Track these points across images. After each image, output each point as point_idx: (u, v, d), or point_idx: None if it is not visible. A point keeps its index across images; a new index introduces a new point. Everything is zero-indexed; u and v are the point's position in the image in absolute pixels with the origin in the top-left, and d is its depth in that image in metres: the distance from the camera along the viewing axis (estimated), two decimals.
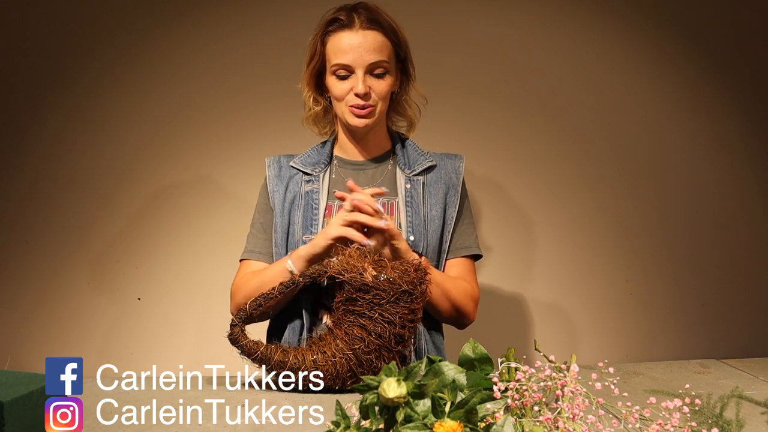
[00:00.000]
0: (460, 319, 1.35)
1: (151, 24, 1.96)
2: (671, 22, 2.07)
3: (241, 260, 1.40)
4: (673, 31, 2.07)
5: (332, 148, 1.42)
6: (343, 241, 1.19)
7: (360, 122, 1.32)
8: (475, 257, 1.41)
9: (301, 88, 1.39)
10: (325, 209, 1.34)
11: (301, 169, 1.39)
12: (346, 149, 1.41)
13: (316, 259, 1.21)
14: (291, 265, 1.23)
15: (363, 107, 1.30)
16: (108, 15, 1.95)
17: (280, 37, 1.93)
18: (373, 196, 1.22)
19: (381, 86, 1.31)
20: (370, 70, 1.30)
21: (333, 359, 1.08)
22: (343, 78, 1.31)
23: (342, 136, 1.41)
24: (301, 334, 1.29)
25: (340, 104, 1.33)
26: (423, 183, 1.38)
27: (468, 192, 1.44)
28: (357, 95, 1.29)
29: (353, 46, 1.28)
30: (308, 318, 1.29)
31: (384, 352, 1.09)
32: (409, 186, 1.36)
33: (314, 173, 1.38)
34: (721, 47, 2.08)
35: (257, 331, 1.33)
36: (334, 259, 1.13)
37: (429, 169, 1.39)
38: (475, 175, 1.98)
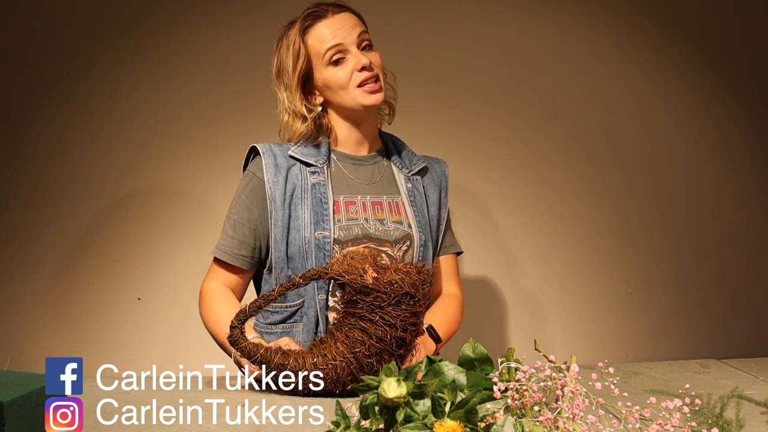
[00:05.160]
0: None
1: (152, 25, 1.96)
2: (672, 23, 2.07)
3: (214, 258, 1.33)
4: (673, 31, 2.07)
5: (328, 143, 1.36)
6: None
7: (376, 98, 1.29)
8: (458, 254, 1.47)
9: (280, 111, 1.34)
10: (333, 204, 1.30)
11: (301, 159, 1.31)
12: (345, 144, 1.36)
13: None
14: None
15: (372, 79, 1.28)
16: (109, 16, 1.95)
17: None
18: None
19: (375, 57, 1.31)
20: (361, 44, 1.30)
21: (333, 362, 1.07)
22: (339, 62, 1.29)
23: (341, 131, 1.35)
24: (315, 339, 1.27)
25: (348, 90, 1.28)
26: (422, 183, 1.39)
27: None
28: (364, 68, 1.27)
29: (336, 27, 1.29)
30: (324, 322, 1.27)
31: (385, 356, 1.07)
32: (410, 185, 1.36)
33: (318, 164, 1.31)
34: (723, 48, 2.08)
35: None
36: (336, 260, 1.12)
37: (423, 170, 1.40)
38: (474, 175, 1.98)
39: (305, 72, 1.31)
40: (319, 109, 1.34)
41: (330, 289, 1.28)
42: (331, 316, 1.29)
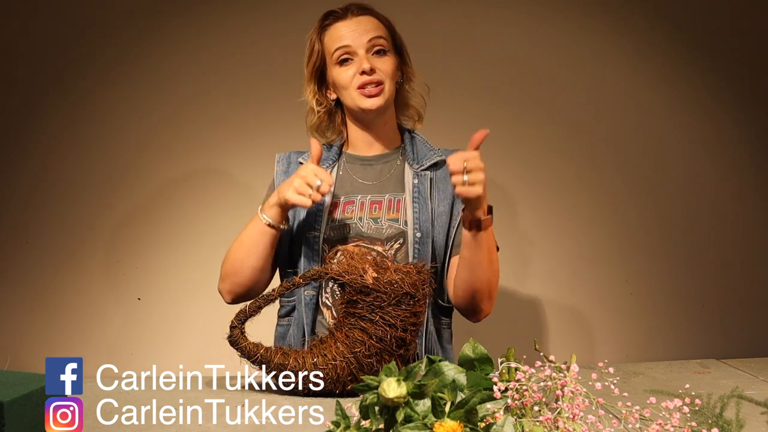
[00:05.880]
0: (483, 302, 1.30)
1: (156, 20, 1.96)
2: (671, 23, 2.07)
3: None
4: (672, 31, 2.07)
5: (341, 146, 1.41)
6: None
7: (372, 102, 1.30)
8: None
9: (304, 99, 1.39)
10: (330, 205, 1.33)
11: None
12: (356, 146, 1.39)
13: (284, 206, 1.24)
14: (263, 215, 1.26)
15: (372, 83, 1.29)
16: (109, 15, 1.95)
17: (289, 36, 1.92)
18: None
19: (385, 63, 1.31)
20: (371, 49, 1.31)
21: (333, 362, 1.07)
22: (346, 62, 1.31)
23: (352, 134, 1.39)
24: (304, 335, 1.29)
25: (349, 91, 1.31)
26: (431, 178, 1.36)
27: None
28: (363, 72, 1.29)
29: (350, 29, 1.31)
30: (311, 318, 1.29)
31: (385, 356, 1.08)
32: (416, 181, 1.35)
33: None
34: (721, 48, 2.08)
35: (260, 334, 1.33)
36: (336, 260, 1.12)
37: (438, 165, 1.37)
38: None
39: (319, 68, 1.36)
40: (332, 104, 1.38)
41: (321, 286, 1.30)
42: (326, 312, 1.30)
